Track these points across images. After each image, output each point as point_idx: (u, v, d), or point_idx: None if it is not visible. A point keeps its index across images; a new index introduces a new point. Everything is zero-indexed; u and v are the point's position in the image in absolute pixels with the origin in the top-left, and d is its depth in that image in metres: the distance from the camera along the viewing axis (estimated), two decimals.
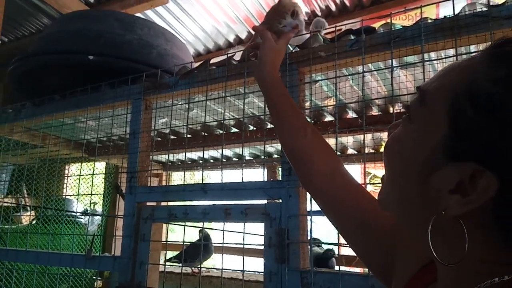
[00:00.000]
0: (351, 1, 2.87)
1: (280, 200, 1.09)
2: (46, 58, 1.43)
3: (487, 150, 0.35)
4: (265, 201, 1.16)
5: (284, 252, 1.05)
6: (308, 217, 1.06)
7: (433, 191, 0.39)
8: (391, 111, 1.68)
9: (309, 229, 1.06)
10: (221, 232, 1.28)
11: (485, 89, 0.36)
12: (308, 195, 1.07)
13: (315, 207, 1.04)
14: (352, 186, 0.71)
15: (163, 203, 1.65)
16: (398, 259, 0.56)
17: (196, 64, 1.42)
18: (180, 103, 1.57)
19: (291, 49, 1.20)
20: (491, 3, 0.91)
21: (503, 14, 0.88)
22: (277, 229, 1.08)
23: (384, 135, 2.05)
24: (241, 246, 1.19)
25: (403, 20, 2.98)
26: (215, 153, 2.72)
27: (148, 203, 1.38)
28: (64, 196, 3.05)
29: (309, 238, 1.08)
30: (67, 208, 3.00)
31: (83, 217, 2.99)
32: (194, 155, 2.85)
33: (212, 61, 1.38)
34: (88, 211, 2.75)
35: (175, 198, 1.30)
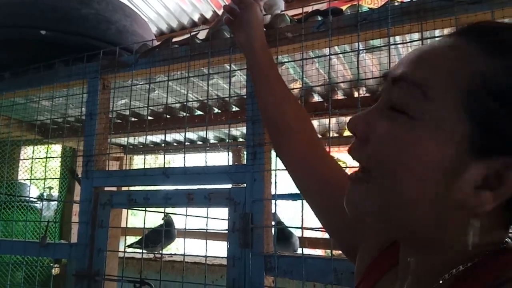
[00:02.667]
0: None
1: (245, 185, 1.07)
2: None
3: None
4: (228, 186, 1.14)
5: (248, 236, 1.04)
6: (273, 201, 1.05)
7: (458, 190, 0.37)
8: (356, 95, 1.68)
9: (273, 213, 1.05)
10: (185, 217, 1.24)
11: (504, 82, 0.35)
12: (273, 179, 1.06)
13: (280, 190, 1.03)
14: (327, 154, 0.73)
15: (123, 188, 1.59)
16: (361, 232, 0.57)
17: (157, 43, 1.36)
18: (140, 83, 1.50)
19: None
20: None
21: None
22: (241, 214, 1.05)
23: (347, 119, 2.07)
24: (204, 230, 1.16)
25: (368, 4, 2.99)
26: (178, 136, 2.65)
27: (106, 188, 1.32)
28: (17, 180, 2.89)
29: (273, 222, 1.07)
30: (20, 193, 2.85)
31: (38, 202, 2.86)
32: (157, 138, 2.78)
33: (175, 39, 1.31)
34: (44, 196, 2.63)
35: (135, 183, 1.24)
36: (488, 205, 0.36)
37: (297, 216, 1.01)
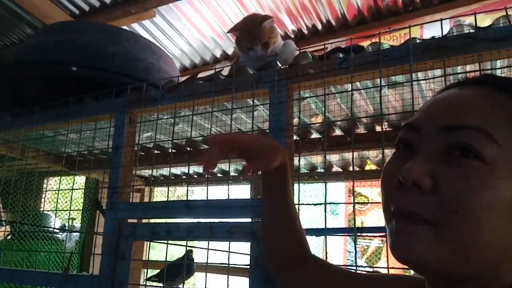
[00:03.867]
0: (337, 20, 2.92)
1: None
2: (27, 69, 1.39)
3: None
4: (249, 219, 1.14)
5: (271, 273, 1.02)
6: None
7: None
8: (378, 130, 1.68)
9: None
10: (205, 250, 1.24)
11: None
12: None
13: (320, 223, 1.02)
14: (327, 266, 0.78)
15: (144, 220, 1.60)
16: None
17: (182, 79, 1.40)
18: (165, 117, 1.54)
19: (280, 65, 1.19)
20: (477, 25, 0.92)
21: (490, 36, 0.89)
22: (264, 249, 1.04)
23: (369, 153, 2.06)
24: (225, 265, 1.15)
25: (387, 40, 3.03)
26: (198, 168, 2.68)
27: (129, 220, 1.33)
28: (41, 211, 2.95)
29: None
30: (44, 223, 2.89)
31: (60, 233, 2.89)
32: (177, 170, 2.81)
33: (200, 75, 1.36)
34: (66, 227, 2.66)
35: (158, 215, 1.25)
36: None
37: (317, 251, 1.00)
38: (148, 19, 2.91)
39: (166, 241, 1.23)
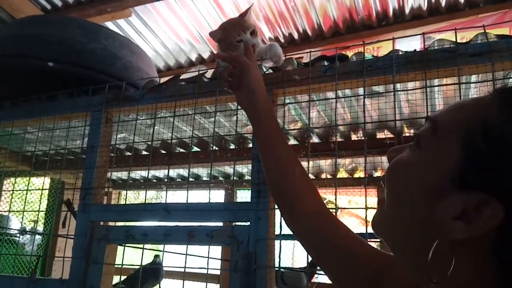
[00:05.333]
0: (313, 31, 2.98)
1: (249, 223, 1.06)
2: (1, 61, 1.32)
3: (496, 182, 0.38)
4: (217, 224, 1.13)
5: (251, 277, 1.01)
6: (277, 241, 1.04)
7: (438, 216, 0.41)
8: (354, 138, 1.72)
9: (277, 253, 1.04)
10: (171, 255, 1.22)
11: (497, 128, 0.39)
12: (277, 218, 1.05)
13: (285, 230, 1.02)
14: (335, 221, 0.71)
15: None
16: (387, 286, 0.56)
17: (164, 79, 1.38)
18: (142, 118, 1.51)
19: (265, 70, 1.19)
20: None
21: (469, 51, 0.94)
22: (244, 253, 1.04)
23: (343, 161, 2.10)
24: (200, 270, 1.13)
25: (367, 52, 3.12)
26: (171, 172, 2.63)
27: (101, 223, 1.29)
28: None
29: (276, 263, 1.05)
30: (2, 225, 2.74)
31: (20, 236, 2.75)
32: (147, 173, 2.75)
33: (182, 77, 1.34)
34: (26, 230, 2.53)
35: (134, 218, 1.22)
36: (458, 235, 0.39)
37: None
38: (123, 19, 2.85)
39: (124, 245, 1.19)
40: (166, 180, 2.84)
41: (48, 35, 1.38)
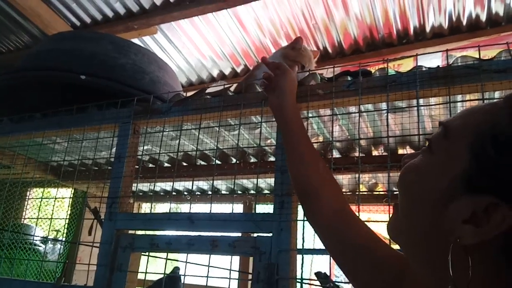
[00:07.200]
0: (333, 48, 3.01)
1: (271, 234, 1.08)
2: (36, 74, 1.39)
3: (505, 186, 0.38)
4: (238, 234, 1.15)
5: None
6: (299, 255, 1.05)
7: (448, 220, 0.41)
8: (374, 153, 1.72)
9: (299, 265, 1.05)
10: (191, 266, 1.23)
11: (506, 133, 0.40)
12: (299, 230, 1.07)
13: (307, 244, 1.03)
14: (357, 220, 0.72)
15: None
16: None
17: (190, 93, 1.43)
18: (167, 130, 1.55)
19: None
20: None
21: (493, 68, 0.95)
22: (266, 264, 1.05)
23: (362, 177, 2.10)
24: (218, 284, 1.14)
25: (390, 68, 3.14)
26: (187, 184, 2.66)
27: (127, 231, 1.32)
28: (23, 221, 2.87)
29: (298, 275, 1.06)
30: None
31: (41, 244, 2.81)
32: (167, 186, 2.79)
33: (207, 90, 1.38)
34: (51, 238, 2.59)
35: (159, 227, 1.25)
36: (468, 239, 0.39)
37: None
38: (148, 35, 2.95)
39: (149, 254, 1.21)
40: (186, 192, 2.88)
41: (81, 50, 1.45)
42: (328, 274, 2.33)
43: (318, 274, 2.29)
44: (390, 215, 0.52)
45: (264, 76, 0.98)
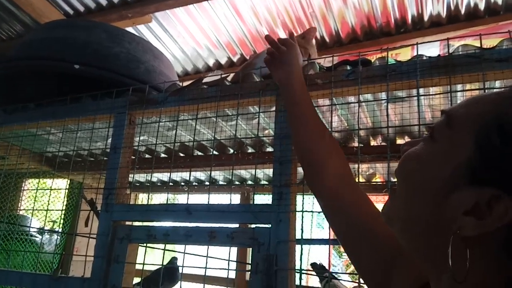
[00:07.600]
0: (330, 37, 2.98)
1: (270, 225, 1.07)
2: (28, 64, 1.36)
3: (508, 178, 0.37)
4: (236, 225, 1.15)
5: (272, 279, 1.02)
6: (298, 245, 1.04)
7: (449, 210, 0.40)
8: (372, 144, 1.72)
9: (298, 256, 1.04)
10: (189, 256, 1.23)
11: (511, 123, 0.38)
12: (298, 221, 1.06)
13: (306, 234, 1.03)
14: (361, 193, 0.73)
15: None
16: (397, 273, 0.56)
17: (186, 83, 1.40)
18: (163, 121, 1.53)
19: None
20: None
21: (495, 57, 0.93)
22: (265, 255, 1.04)
23: (360, 167, 2.09)
24: (216, 274, 1.14)
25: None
26: (184, 174, 2.65)
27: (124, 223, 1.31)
28: (18, 212, 2.85)
29: (297, 266, 1.05)
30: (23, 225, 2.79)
31: (38, 236, 2.80)
32: (164, 176, 2.78)
33: (204, 80, 1.36)
34: (48, 230, 2.58)
35: (156, 218, 1.24)
36: (469, 230, 0.38)
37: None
38: (143, 24, 2.90)
39: (146, 245, 1.20)
40: (183, 183, 2.87)
41: (75, 39, 1.41)
42: (324, 265, 2.35)
43: (314, 265, 2.31)
44: (386, 200, 0.51)
45: (268, 51, 0.99)
